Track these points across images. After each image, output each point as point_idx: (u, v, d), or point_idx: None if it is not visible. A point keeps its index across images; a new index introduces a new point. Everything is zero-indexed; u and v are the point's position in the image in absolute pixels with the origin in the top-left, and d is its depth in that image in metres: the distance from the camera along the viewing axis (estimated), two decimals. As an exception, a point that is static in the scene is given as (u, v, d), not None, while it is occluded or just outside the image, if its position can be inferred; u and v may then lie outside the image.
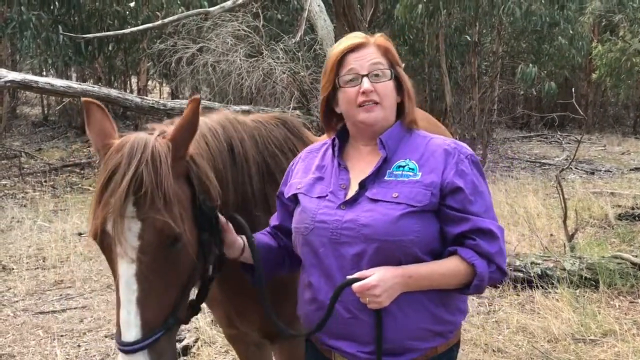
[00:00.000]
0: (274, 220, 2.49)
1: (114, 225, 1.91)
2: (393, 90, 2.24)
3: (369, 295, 2.00)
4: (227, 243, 2.29)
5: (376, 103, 2.18)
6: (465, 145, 2.27)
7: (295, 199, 2.34)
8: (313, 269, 2.21)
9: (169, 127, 2.17)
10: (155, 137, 2.05)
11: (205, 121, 2.44)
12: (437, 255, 2.13)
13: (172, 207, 1.97)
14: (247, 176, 2.52)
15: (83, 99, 2.17)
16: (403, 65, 2.36)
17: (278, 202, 2.46)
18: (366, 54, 2.22)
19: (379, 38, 2.29)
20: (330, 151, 2.38)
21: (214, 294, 2.67)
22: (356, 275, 2.04)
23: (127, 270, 1.93)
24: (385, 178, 2.16)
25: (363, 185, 2.17)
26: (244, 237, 2.33)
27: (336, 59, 2.25)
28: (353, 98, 2.19)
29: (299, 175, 2.39)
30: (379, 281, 1.99)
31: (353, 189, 2.20)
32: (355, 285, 2.01)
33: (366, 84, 2.16)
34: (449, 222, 2.11)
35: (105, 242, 1.97)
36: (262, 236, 2.42)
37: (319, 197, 2.25)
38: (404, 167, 2.17)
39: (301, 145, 2.78)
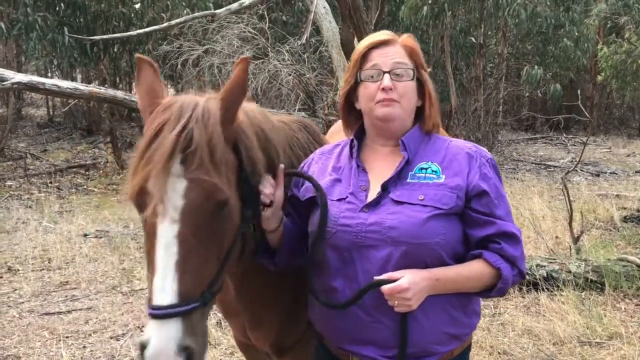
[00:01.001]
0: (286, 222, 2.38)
1: (158, 182, 1.80)
2: (414, 91, 2.23)
3: (399, 298, 1.97)
4: (276, 201, 2.21)
5: (395, 101, 2.16)
6: (484, 149, 2.26)
7: (313, 201, 2.28)
8: (336, 273, 2.16)
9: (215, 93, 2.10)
10: (206, 98, 1.99)
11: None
12: (460, 258, 2.12)
13: (221, 169, 1.89)
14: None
15: (137, 55, 2.08)
16: (429, 70, 2.35)
17: (289, 205, 2.37)
18: (391, 51, 2.22)
19: (406, 38, 2.29)
20: (345, 152, 2.36)
21: (231, 303, 2.61)
22: (384, 276, 2.01)
23: (168, 231, 1.81)
24: (408, 180, 2.14)
25: (385, 187, 2.14)
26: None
27: (360, 54, 2.25)
28: (373, 94, 2.18)
29: (316, 178, 2.33)
30: (410, 284, 1.97)
31: (374, 191, 2.16)
32: (385, 288, 1.98)
33: (387, 80, 2.16)
34: (474, 225, 2.11)
35: (144, 201, 1.85)
36: (287, 221, 2.34)
37: (339, 200, 2.21)
38: (426, 169, 2.15)
39: None
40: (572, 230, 7.45)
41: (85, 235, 8.65)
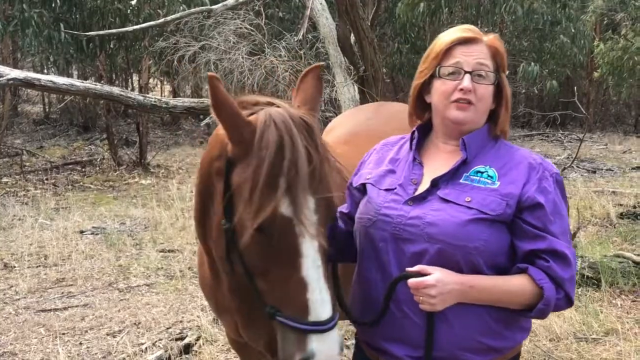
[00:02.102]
0: (342, 209, 2.41)
1: (297, 203, 1.86)
2: (491, 95, 2.16)
3: (423, 293, 1.94)
4: None
5: (470, 103, 2.10)
6: (551, 163, 2.17)
7: (363, 189, 2.29)
8: (370, 263, 2.16)
9: (277, 100, 2.12)
10: (298, 111, 2.02)
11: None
12: (501, 271, 2.05)
13: (329, 175, 1.97)
14: None
15: (209, 74, 2.03)
16: (507, 72, 2.28)
17: (347, 193, 2.40)
18: (475, 50, 2.14)
19: (492, 38, 2.21)
20: (406, 145, 2.31)
21: (223, 299, 2.61)
22: (416, 268, 1.98)
23: (311, 248, 1.89)
24: (461, 180, 2.09)
25: (435, 184, 2.10)
26: None
27: (444, 47, 2.16)
28: (449, 92, 2.11)
29: (371, 166, 2.35)
30: (437, 282, 1.93)
31: (424, 186, 2.13)
32: (411, 281, 1.95)
33: (467, 81, 2.08)
34: (524, 237, 2.02)
35: (276, 224, 1.87)
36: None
37: (386, 190, 2.19)
38: (482, 173, 2.09)
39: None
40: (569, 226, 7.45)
41: (81, 232, 8.64)
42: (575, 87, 13.11)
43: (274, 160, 1.87)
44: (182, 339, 5.23)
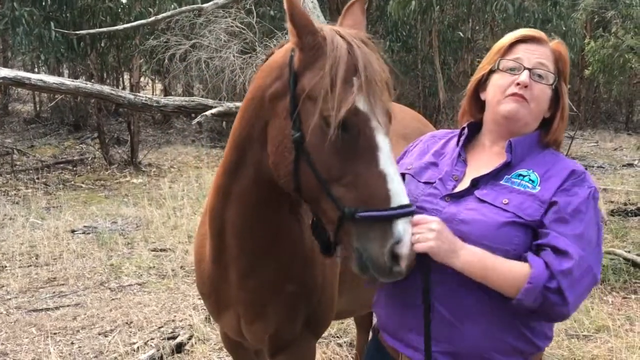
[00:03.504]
0: None
1: (371, 101, 1.94)
2: (548, 98, 2.13)
3: (424, 228, 1.92)
4: None
5: (525, 100, 2.07)
6: (592, 180, 2.11)
7: (403, 178, 2.22)
8: None
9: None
10: (354, 30, 2.12)
11: None
12: None
13: (392, 90, 2.05)
14: None
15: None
16: (568, 87, 2.23)
17: None
18: (538, 50, 2.13)
19: (558, 43, 2.20)
20: (454, 140, 2.31)
21: (228, 291, 2.60)
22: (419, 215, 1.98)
23: (386, 142, 1.95)
24: (501, 182, 2.07)
25: (475, 184, 2.09)
26: None
27: (508, 43, 2.17)
28: (505, 86, 2.10)
29: (414, 157, 2.35)
30: (440, 224, 1.94)
31: (464, 184, 2.12)
32: (417, 215, 1.95)
33: (524, 76, 2.06)
34: (537, 235, 1.99)
35: (355, 119, 1.93)
36: None
37: (425, 183, 2.20)
38: (524, 176, 2.06)
39: None
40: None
41: (72, 231, 8.61)
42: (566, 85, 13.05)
43: (348, 59, 1.96)
44: (174, 338, 5.22)
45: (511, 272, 1.93)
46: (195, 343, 5.13)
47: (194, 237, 6.42)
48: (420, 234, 1.92)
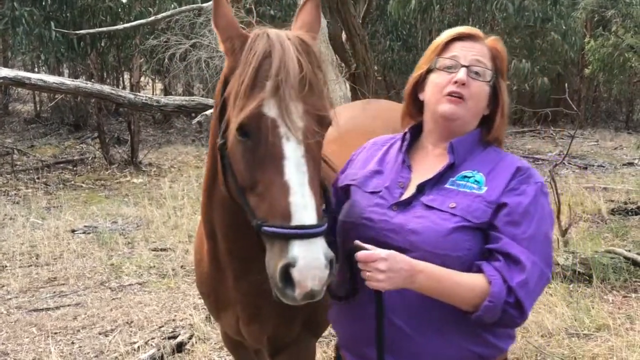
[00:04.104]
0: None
1: (280, 105, 1.86)
2: (486, 95, 2.11)
3: (372, 268, 1.86)
4: None
5: (462, 100, 2.04)
6: (538, 174, 2.10)
7: (347, 189, 2.24)
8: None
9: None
10: (293, 31, 2.06)
11: None
12: None
13: (325, 93, 1.97)
14: None
15: None
16: (508, 82, 2.22)
17: (332, 189, 2.33)
18: (474, 47, 2.11)
19: (494, 40, 2.18)
20: (396, 146, 2.26)
21: (226, 292, 2.58)
22: (369, 247, 1.91)
23: (296, 151, 1.86)
24: (446, 185, 2.03)
25: (421, 189, 2.05)
26: None
27: (444, 41, 2.14)
28: (443, 84, 2.07)
29: (358, 166, 2.30)
30: (387, 257, 1.85)
31: (410, 191, 2.07)
32: (360, 253, 1.88)
33: (462, 74, 2.04)
34: (489, 237, 1.97)
35: (261, 125, 1.87)
36: None
37: (372, 192, 2.14)
38: (469, 178, 2.03)
39: None
40: (560, 223, 7.48)
41: (73, 231, 8.61)
42: (567, 84, 13.11)
43: (261, 63, 1.90)
44: (174, 337, 5.22)
45: (470, 290, 1.90)
46: (196, 342, 5.13)
47: (194, 237, 6.43)
48: (369, 272, 1.87)
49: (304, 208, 1.81)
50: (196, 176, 12.15)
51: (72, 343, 5.26)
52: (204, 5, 9.51)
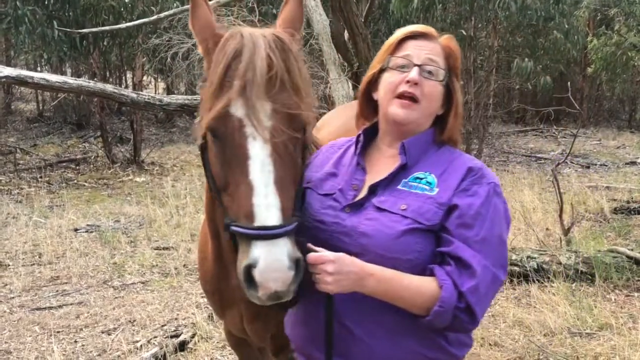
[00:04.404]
0: None
1: (245, 105, 1.85)
2: (440, 95, 2.09)
3: (320, 270, 1.84)
4: None
5: (415, 101, 2.02)
6: (493, 174, 2.06)
7: (304, 193, 2.19)
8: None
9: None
10: (270, 29, 2.04)
11: None
12: None
13: (301, 91, 1.94)
14: None
15: None
16: (461, 83, 2.20)
17: None
18: (427, 46, 2.08)
19: (448, 39, 2.16)
20: (353, 148, 2.23)
21: (231, 291, 2.59)
22: (318, 249, 1.89)
23: (262, 150, 1.85)
24: (399, 187, 2.00)
25: (373, 190, 2.02)
26: None
27: (396, 40, 2.11)
28: (395, 84, 2.04)
29: (314, 169, 2.26)
30: (336, 259, 1.84)
31: (364, 192, 2.05)
32: (311, 255, 1.86)
33: (414, 73, 2.01)
34: (440, 239, 1.94)
35: (228, 125, 1.88)
36: None
37: (325, 195, 2.11)
38: (421, 179, 2.00)
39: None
40: (563, 222, 7.48)
41: (75, 229, 8.62)
42: (569, 83, 13.12)
43: (230, 62, 1.89)
44: (177, 336, 5.23)
45: (420, 294, 1.88)
46: (198, 341, 5.13)
47: (196, 236, 6.42)
48: (318, 275, 1.86)
49: (266, 208, 1.80)
50: (198, 175, 12.16)
51: (75, 342, 5.27)
52: (207, 4, 9.49)
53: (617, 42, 14.36)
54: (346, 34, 8.69)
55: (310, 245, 1.92)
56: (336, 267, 1.83)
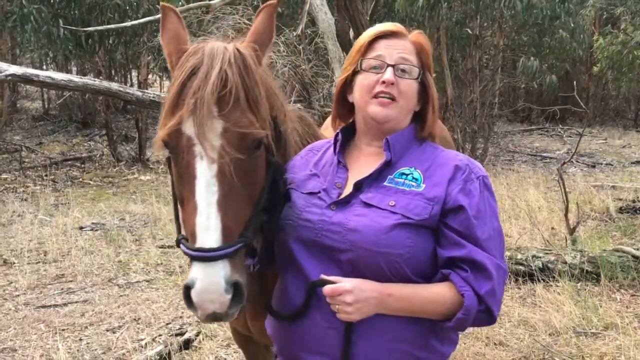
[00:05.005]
0: None
1: (195, 123, 1.83)
2: (415, 92, 2.08)
3: (339, 301, 1.84)
4: None
5: (393, 99, 2.01)
6: (479, 165, 2.07)
7: (286, 194, 2.17)
8: (291, 272, 2.06)
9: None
10: (234, 43, 2.00)
11: None
12: (428, 279, 1.95)
13: (257, 109, 1.92)
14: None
15: (161, 3, 2.14)
16: (434, 75, 2.19)
17: None
18: (399, 45, 2.07)
19: (417, 35, 2.13)
20: (331, 149, 2.21)
21: None
22: (333, 278, 1.88)
23: (207, 170, 1.83)
24: (385, 183, 1.99)
25: (359, 187, 2.00)
26: None
27: (366, 41, 2.09)
28: (371, 86, 2.02)
29: (294, 171, 2.24)
30: (353, 288, 1.83)
31: (348, 189, 2.03)
32: (326, 288, 1.85)
33: (389, 74, 2.00)
34: (445, 242, 1.92)
35: (180, 143, 1.87)
36: None
37: (309, 193, 2.09)
38: (407, 175, 1.99)
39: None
40: (568, 221, 7.46)
41: (81, 228, 8.64)
42: (575, 82, 13.10)
43: (185, 80, 1.89)
44: (182, 334, 5.23)
45: (442, 304, 1.89)
46: (203, 339, 5.14)
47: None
48: (338, 305, 1.85)
49: (206, 230, 1.79)
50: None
51: (80, 340, 5.27)
52: (212, 2, 9.51)
53: (623, 41, 14.30)
54: (351, 33, 8.68)
55: (323, 276, 1.91)
56: (355, 297, 1.83)
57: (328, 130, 3.86)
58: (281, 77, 9.79)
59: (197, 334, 5.21)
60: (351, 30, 8.62)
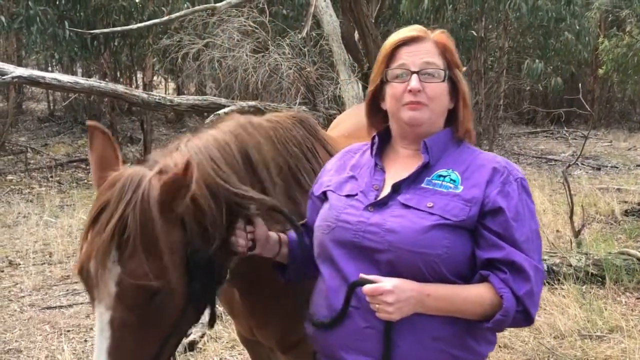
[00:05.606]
0: (307, 220, 2.34)
1: (95, 267, 1.81)
2: (445, 93, 2.08)
3: (380, 301, 1.83)
4: (259, 240, 2.18)
5: (423, 105, 2.02)
6: (517, 167, 2.07)
7: (324, 197, 2.21)
8: (330, 273, 2.07)
9: (174, 156, 2.06)
10: (152, 176, 1.91)
11: (215, 136, 2.24)
12: (466, 280, 1.95)
13: (158, 256, 1.83)
14: (271, 182, 2.34)
15: (88, 122, 2.06)
16: (464, 68, 2.19)
17: (309, 202, 2.33)
18: (421, 49, 2.06)
19: (439, 34, 2.12)
20: (368, 152, 2.23)
21: (238, 305, 2.67)
22: (372, 277, 1.88)
23: (102, 316, 1.81)
24: (423, 185, 2.00)
25: (397, 188, 2.02)
26: (280, 234, 2.26)
27: (388, 51, 2.10)
28: (399, 95, 2.03)
29: (331, 173, 2.26)
30: (394, 288, 1.83)
31: (385, 191, 2.05)
32: (367, 287, 1.85)
33: (414, 82, 2.00)
34: (483, 244, 1.93)
35: (87, 281, 1.87)
36: (292, 234, 2.30)
37: (347, 196, 2.11)
38: (445, 177, 2.00)
39: (318, 145, 2.68)
40: (573, 223, 7.45)
41: (86, 229, 8.64)
42: (580, 84, 13.11)
43: (95, 217, 1.87)
44: (187, 336, 5.22)
45: (480, 305, 1.91)
46: (208, 341, 5.14)
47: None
48: (378, 304, 1.85)
49: None
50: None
51: (85, 341, 5.29)
52: (217, 5, 9.54)
53: (628, 43, 14.28)
54: (356, 35, 8.70)
55: (362, 275, 1.91)
56: (396, 297, 1.83)
57: (335, 130, 3.90)
58: (286, 80, 9.80)
59: (202, 336, 5.21)
60: (356, 32, 8.64)
